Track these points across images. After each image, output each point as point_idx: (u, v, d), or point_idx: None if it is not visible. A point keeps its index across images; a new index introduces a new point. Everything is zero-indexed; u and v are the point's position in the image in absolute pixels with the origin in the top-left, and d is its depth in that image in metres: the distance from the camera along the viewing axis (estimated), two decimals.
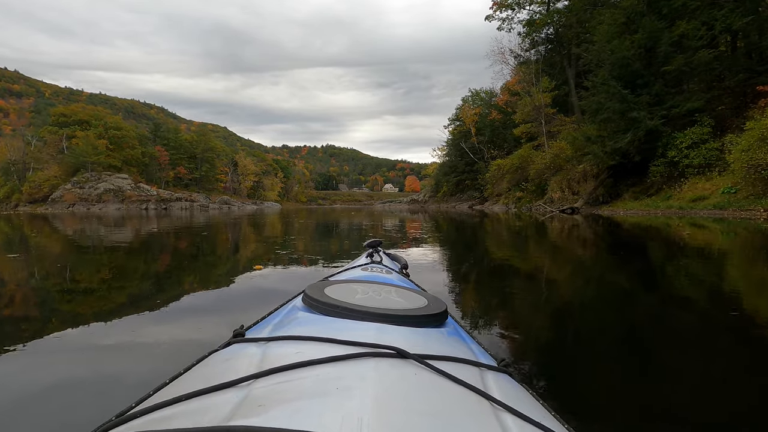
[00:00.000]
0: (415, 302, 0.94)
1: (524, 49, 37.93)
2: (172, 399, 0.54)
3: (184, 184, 67.74)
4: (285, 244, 7.14)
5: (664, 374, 1.65)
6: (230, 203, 57.94)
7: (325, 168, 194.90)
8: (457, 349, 0.77)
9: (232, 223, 14.51)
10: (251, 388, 0.55)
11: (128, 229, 11.69)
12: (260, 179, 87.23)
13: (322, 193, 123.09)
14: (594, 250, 6.48)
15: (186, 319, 2.40)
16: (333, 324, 0.80)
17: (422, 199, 63.10)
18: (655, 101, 17.93)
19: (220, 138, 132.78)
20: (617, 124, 18.50)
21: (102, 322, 2.31)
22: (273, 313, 1.01)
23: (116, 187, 47.92)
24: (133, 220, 17.65)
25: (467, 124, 50.02)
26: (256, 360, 0.65)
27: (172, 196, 49.30)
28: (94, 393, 1.42)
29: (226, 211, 41.77)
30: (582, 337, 2.22)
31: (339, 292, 0.97)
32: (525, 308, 2.76)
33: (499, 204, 33.44)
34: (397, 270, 1.69)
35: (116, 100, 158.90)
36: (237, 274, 4.00)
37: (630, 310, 2.70)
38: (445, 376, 0.60)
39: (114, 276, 4.05)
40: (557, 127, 29.89)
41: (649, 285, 3.59)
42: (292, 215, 23.33)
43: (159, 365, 1.68)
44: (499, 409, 0.55)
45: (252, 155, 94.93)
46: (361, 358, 0.61)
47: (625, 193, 20.19)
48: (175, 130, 73.78)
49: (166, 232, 10.40)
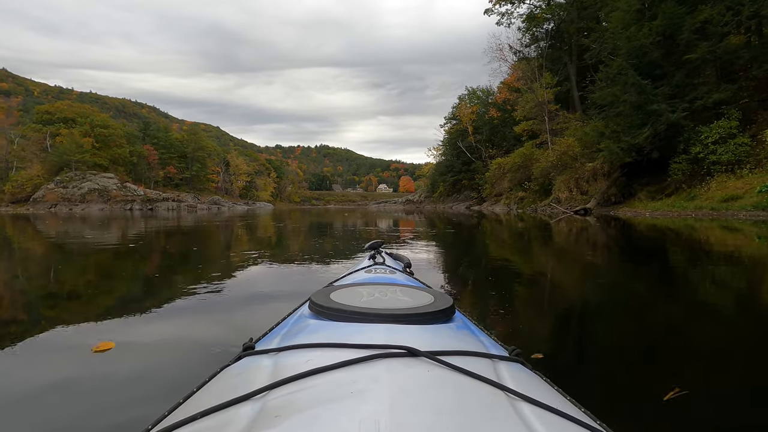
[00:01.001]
0: (421, 300, 0.93)
1: (524, 45, 36.43)
2: (188, 417, 0.53)
3: (175, 184, 65.80)
4: (276, 256, 5.46)
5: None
6: (220, 203, 55.91)
7: (319, 168, 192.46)
8: (467, 342, 0.77)
9: (217, 226, 12.80)
10: (266, 400, 0.54)
11: (99, 232, 9.97)
12: (253, 179, 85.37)
13: (315, 194, 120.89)
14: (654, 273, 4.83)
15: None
16: (341, 328, 0.78)
17: (418, 200, 61.55)
18: (675, 93, 16.37)
19: (212, 138, 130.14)
20: (633, 118, 16.93)
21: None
22: (281, 323, 0.98)
23: (101, 186, 45.77)
24: (113, 222, 16.02)
25: (464, 123, 48.46)
26: (269, 371, 0.64)
27: (159, 196, 47.18)
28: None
29: (216, 211, 39.90)
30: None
31: (345, 296, 0.95)
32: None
33: (500, 204, 31.84)
34: (401, 269, 1.64)
35: (107, 99, 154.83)
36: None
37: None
38: (457, 371, 0.59)
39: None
40: (560, 124, 28.37)
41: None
42: (285, 216, 22.07)
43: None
44: (515, 399, 0.55)
45: (244, 155, 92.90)
46: (372, 360, 0.60)
47: (639, 192, 18.64)
48: (165, 128, 71.55)
49: (141, 237, 8.75)
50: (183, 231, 10.75)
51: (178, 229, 11.62)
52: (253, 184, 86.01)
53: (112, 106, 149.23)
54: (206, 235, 9.81)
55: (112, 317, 2.46)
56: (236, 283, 3.49)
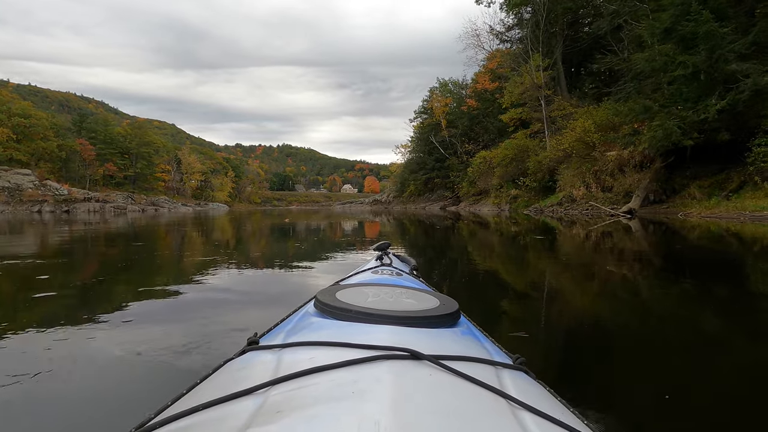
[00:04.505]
0: (427, 303, 0.89)
1: (507, 26, 31.83)
2: (189, 409, 0.53)
3: (116, 183, 57.31)
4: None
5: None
6: (159, 204, 48.17)
7: (281, 168, 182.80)
8: (471, 348, 0.74)
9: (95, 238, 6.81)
10: (267, 396, 0.53)
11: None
12: (208, 178, 77.27)
13: (277, 194, 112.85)
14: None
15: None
16: (346, 328, 0.76)
17: (386, 200, 56.25)
18: (752, 51, 11.79)
19: (167, 135, 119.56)
20: (695, 86, 12.23)
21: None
22: (285, 319, 0.95)
23: (13, 185, 37.35)
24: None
25: (437, 116, 43.46)
26: (271, 367, 0.63)
27: (80, 196, 39.19)
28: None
29: (153, 214, 32.84)
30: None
31: (350, 295, 0.91)
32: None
33: (487, 204, 26.84)
34: (408, 271, 1.55)
35: (48, 92, 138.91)
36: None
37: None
38: (460, 376, 0.58)
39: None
40: (556, 111, 23.81)
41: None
42: (239, 219, 18.31)
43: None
44: (517, 407, 0.53)
45: (199, 152, 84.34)
46: (375, 361, 0.59)
47: (688, 188, 14.04)
48: (104, 121, 62.35)
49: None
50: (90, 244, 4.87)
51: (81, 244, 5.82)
52: (209, 184, 78.03)
53: (54, 100, 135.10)
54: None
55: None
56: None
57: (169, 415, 0.53)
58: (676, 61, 12.20)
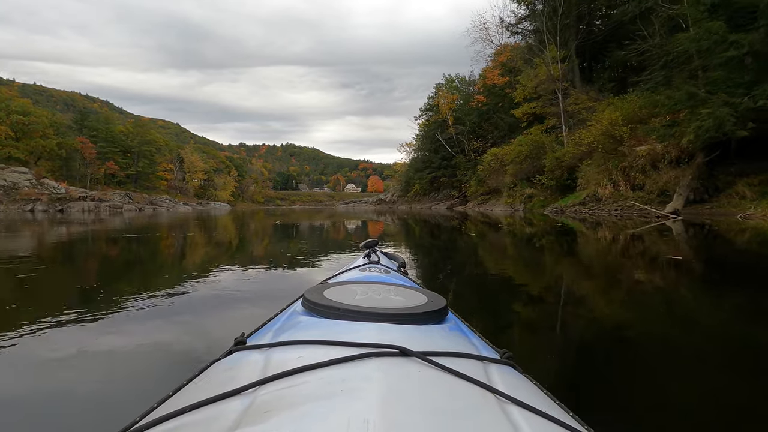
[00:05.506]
0: (414, 300, 0.89)
1: (518, 18, 30.22)
2: (176, 411, 0.52)
3: (118, 181, 56.08)
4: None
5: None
6: (157, 203, 46.77)
7: (285, 167, 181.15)
8: (459, 344, 0.74)
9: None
10: (256, 396, 0.52)
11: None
12: (210, 177, 75.98)
13: (281, 193, 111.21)
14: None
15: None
16: (334, 326, 0.75)
17: (390, 199, 54.54)
18: None
19: (171, 135, 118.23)
20: (748, 69, 10.66)
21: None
22: (273, 319, 0.94)
23: (9, 183, 36.07)
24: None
25: (443, 113, 41.82)
26: (259, 367, 0.62)
27: (76, 195, 37.86)
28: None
29: (150, 213, 31.50)
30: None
31: (338, 293, 0.91)
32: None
33: (499, 204, 25.23)
34: (395, 269, 1.56)
35: (53, 91, 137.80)
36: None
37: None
38: (448, 372, 0.58)
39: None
40: (574, 105, 22.22)
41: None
42: (239, 219, 17.55)
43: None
44: (505, 402, 0.54)
45: (202, 151, 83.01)
46: (364, 358, 0.59)
47: (735, 186, 12.44)
48: (105, 119, 61.11)
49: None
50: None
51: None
52: (212, 183, 76.76)
53: (59, 99, 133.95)
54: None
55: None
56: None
57: (155, 417, 0.51)
58: (728, 41, 10.62)
